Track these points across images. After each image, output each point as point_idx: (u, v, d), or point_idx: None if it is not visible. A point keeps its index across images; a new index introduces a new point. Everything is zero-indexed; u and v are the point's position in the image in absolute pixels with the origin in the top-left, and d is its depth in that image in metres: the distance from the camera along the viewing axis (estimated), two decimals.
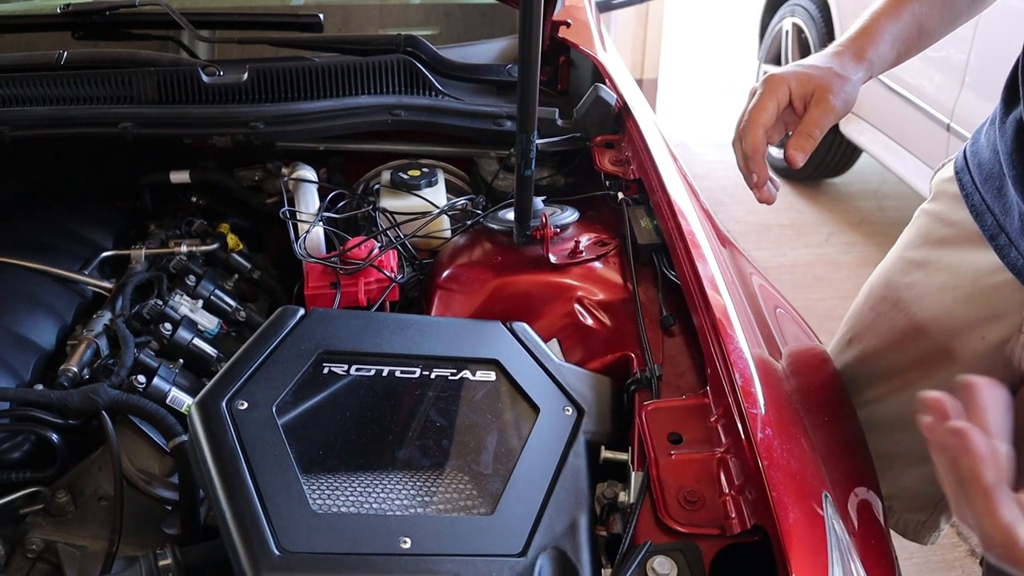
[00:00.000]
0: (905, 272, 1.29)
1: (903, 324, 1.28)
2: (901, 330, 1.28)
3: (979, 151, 1.19)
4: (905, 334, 1.28)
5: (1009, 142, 1.09)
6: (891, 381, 1.32)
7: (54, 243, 1.50)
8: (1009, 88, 1.12)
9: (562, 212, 1.38)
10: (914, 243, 1.29)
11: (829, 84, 1.09)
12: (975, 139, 1.22)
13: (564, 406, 1.07)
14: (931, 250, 1.25)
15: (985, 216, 1.15)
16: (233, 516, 0.88)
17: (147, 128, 1.47)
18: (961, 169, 1.22)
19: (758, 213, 4.07)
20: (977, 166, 1.18)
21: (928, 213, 1.29)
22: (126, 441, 1.21)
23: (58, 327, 1.34)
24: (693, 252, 1.20)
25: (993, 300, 1.16)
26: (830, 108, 1.09)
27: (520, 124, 1.15)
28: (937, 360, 1.24)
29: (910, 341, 1.27)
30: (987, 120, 1.21)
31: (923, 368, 1.27)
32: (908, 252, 1.30)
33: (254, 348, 1.06)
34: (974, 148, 1.21)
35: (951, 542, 2.27)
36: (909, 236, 1.32)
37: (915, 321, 1.26)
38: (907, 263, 1.29)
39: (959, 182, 1.21)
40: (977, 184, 1.17)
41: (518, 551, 0.89)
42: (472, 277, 1.29)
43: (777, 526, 0.84)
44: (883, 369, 1.33)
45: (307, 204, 1.50)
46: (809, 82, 1.09)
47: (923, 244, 1.27)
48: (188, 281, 1.47)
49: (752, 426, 0.94)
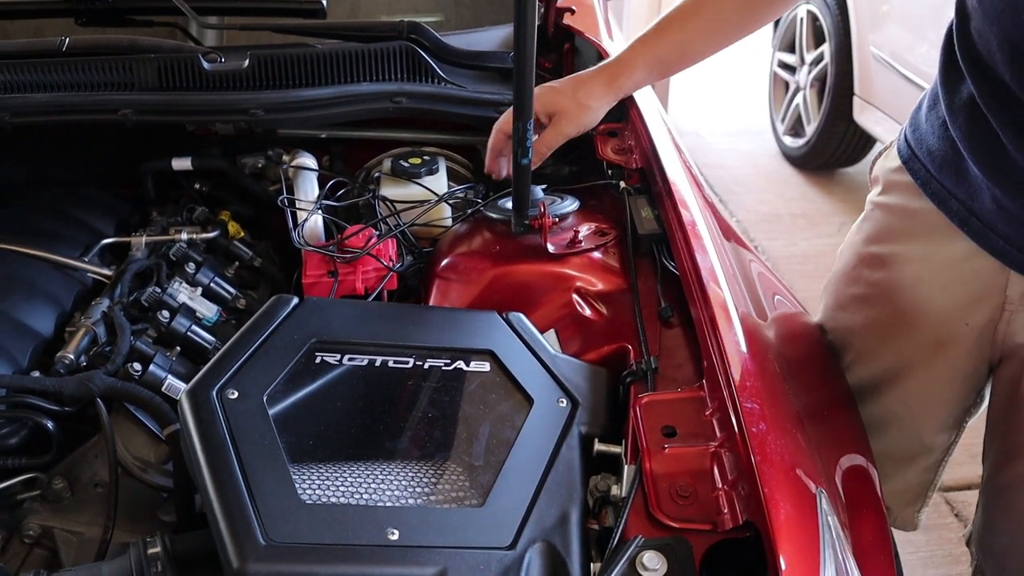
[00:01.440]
0: (871, 268, 1.25)
1: (879, 318, 1.25)
2: (878, 324, 1.26)
3: (924, 137, 1.15)
4: (883, 329, 1.25)
5: (963, 126, 1.06)
6: (873, 378, 1.30)
7: (54, 230, 1.50)
8: (946, 67, 1.09)
9: (562, 201, 1.37)
10: (875, 238, 1.25)
11: (567, 111, 1.33)
12: (915, 125, 1.18)
13: (559, 398, 1.05)
14: (896, 244, 1.21)
15: (950, 202, 1.11)
16: (220, 505, 0.87)
17: (147, 115, 1.47)
18: (909, 158, 1.18)
19: (769, 203, 4.04)
20: (927, 153, 1.14)
21: (883, 206, 1.24)
22: (122, 428, 1.21)
23: (57, 314, 1.34)
24: (693, 243, 1.19)
25: (973, 284, 1.14)
26: (562, 133, 1.35)
27: (516, 111, 1.13)
28: (921, 349, 1.22)
29: (890, 336, 1.25)
30: (923, 103, 1.17)
31: (907, 363, 1.25)
32: (871, 248, 1.26)
33: (246, 337, 1.05)
34: (917, 135, 1.17)
35: (956, 536, 2.24)
36: (867, 230, 1.27)
37: (892, 315, 1.23)
38: (872, 258, 1.25)
39: (911, 171, 1.17)
40: (932, 172, 1.14)
41: (507, 544, 0.88)
42: (470, 266, 1.28)
43: (768, 522, 0.83)
44: (866, 370, 1.30)
45: (306, 192, 1.49)
46: (553, 107, 1.34)
47: (886, 239, 1.23)
48: (188, 268, 1.46)
49: (747, 420, 0.93)
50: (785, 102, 4.40)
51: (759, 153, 4.55)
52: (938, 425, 1.30)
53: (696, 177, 1.43)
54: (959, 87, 1.06)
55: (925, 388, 1.26)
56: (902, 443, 1.30)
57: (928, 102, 1.16)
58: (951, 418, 1.29)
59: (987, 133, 1.02)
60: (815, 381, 1.18)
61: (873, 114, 3.67)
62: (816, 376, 1.21)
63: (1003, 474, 1.23)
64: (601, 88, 1.35)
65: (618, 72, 1.35)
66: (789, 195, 4.13)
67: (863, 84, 3.74)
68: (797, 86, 4.28)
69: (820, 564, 0.84)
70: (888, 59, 3.52)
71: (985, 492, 1.28)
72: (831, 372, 1.26)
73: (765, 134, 4.61)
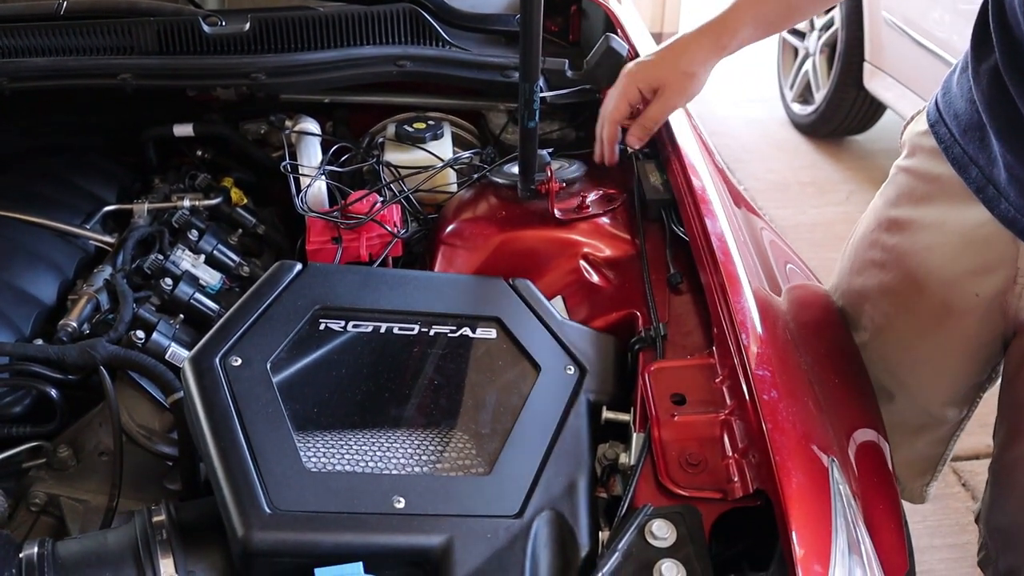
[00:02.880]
0: (890, 232, 1.24)
1: (892, 285, 1.24)
2: (891, 291, 1.24)
3: (953, 101, 1.13)
4: (896, 295, 1.24)
5: (986, 91, 1.04)
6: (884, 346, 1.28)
7: (56, 197, 1.48)
8: (978, 34, 1.07)
9: (569, 166, 1.34)
10: (895, 201, 1.24)
11: (672, 83, 1.27)
12: (946, 88, 1.16)
13: (566, 365, 1.04)
14: (915, 208, 1.20)
15: (969, 168, 1.10)
16: (225, 473, 0.87)
17: (146, 79, 1.44)
18: (936, 121, 1.16)
19: (778, 171, 4.00)
20: (953, 117, 1.12)
21: (906, 170, 1.23)
22: (126, 397, 1.20)
23: (59, 282, 1.33)
24: (702, 208, 1.17)
25: (984, 253, 1.12)
26: (669, 106, 1.29)
27: (523, 73, 1.11)
28: (931, 318, 1.20)
29: (901, 302, 1.23)
30: (956, 67, 1.15)
31: (917, 331, 1.23)
32: (891, 211, 1.24)
33: (249, 304, 1.04)
34: (947, 98, 1.15)
35: (965, 506, 2.24)
36: (889, 194, 1.26)
37: (904, 281, 1.21)
38: (891, 222, 1.24)
39: (936, 135, 1.15)
40: (956, 136, 1.12)
41: (514, 512, 0.88)
42: (476, 232, 1.27)
43: (780, 491, 0.82)
44: (878, 338, 1.28)
45: (309, 157, 1.47)
46: (656, 80, 1.27)
47: (906, 203, 1.22)
48: (191, 236, 1.44)
49: (758, 388, 0.91)
50: (794, 68, 4.34)
51: (767, 121, 4.49)
52: (948, 397, 1.28)
53: (706, 142, 1.40)
54: (987, 53, 1.04)
55: (934, 358, 1.24)
56: (911, 414, 1.29)
57: (960, 65, 1.14)
58: (961, 391, 1.27)
59: (1007, 101, 1.00)
60: (828, 352, 1.16)
61: (884, 80, 3.62)
62: (829, 348, 1.19)
63: (1009, 452, 1.22)
64: (705, 52, 1.25)
65: (721, 32, 1.25)
66: (798, 163, 4.08)
67: (874, 50, 3.68)
68: (806, 52, 4.22)
69: (832, 533, 0.83)
70: (900, 24, 3.46)
71: (993, 469, 1.27)
72: (844, 344, 1.23)
73: (774, 101, 4.56)
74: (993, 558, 1.29)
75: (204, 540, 0.90)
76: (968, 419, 1.31)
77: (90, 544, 0.90)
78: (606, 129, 1.33)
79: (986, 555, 1.31)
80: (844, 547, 0.83)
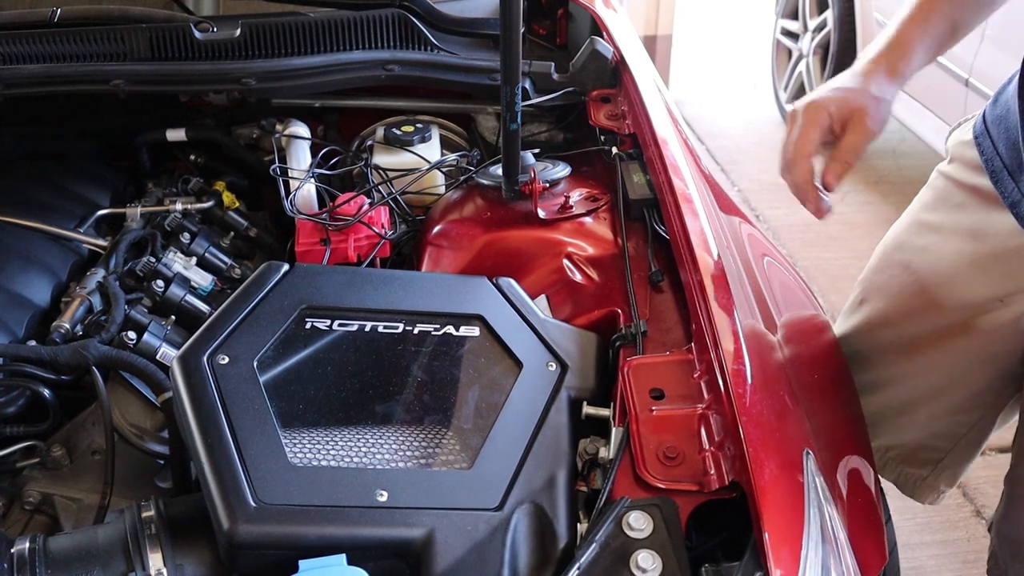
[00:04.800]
0: (919, 235, 1.25)
1: (915, 288, 1.25)
2: (912, 294, 1.25)
3: (1006, 116, 1.13)
4: (917, 298, 1.25)
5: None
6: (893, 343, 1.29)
7: (50, 201, 1.50)
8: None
9: (553, 167, 1.36)
10: (930, 206, 1.25)
11: (866, 108, 1.11)
12: (997, 101, 1.17)
13: (548, 362, 1.06)
14: (948, 214, 1.21)
15: (1007, 184, 1.10)
16: (211, 469, 0.88)
17: (139, 85, 1.46)
18: (981, 133, 1.17)
19: (771, 171, 3.96)
20: (1004, 132, 1.12)
21: (946, 176, 1.24)
22: (118, 396, 1.22)
23: (53, 284, 1.35)
24: (684, 207, 1.18)
25: (1012, 270, 1.13)
26: (867, 133, 1.11)
27: (504, 76, 1.13)
28: (951, 322, 1.21)
29: (922, 305, 1.24)
30: (1009, 82, 1.16)
31: (936, 331, 1.24)
32: (924, 215, 1.26)
33: (237, 303, 1.06)
34: (997, 113, 1.15)
35: (956, 503, 2.25)
36: (925, 198, 1.27)
37: (928, 285, 1.22)
38: (921, 226, 1.25)
39: (979, 147, 1.16)
40: (999, 150, 1.12)
41: (495, 505, 0.89)
42: (461, 233, 1.29)
43: (752, 482, 0.83)
44: (891, 333, 1.29)
45: (299, 160, 1.49)
46: (847, 106, 1.11)
47: (940, 207, 1.23)
48: (183, 239, 1.47)
49: (733, 382, 0.93)
50: (788, 70, 4.35)
51: (761, 122, 4.51)
52: (958, 401, 1.28)
53: (687, 142, 1.42)
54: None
55: (947, 363, 1.25)
56: (917, 397, 1.30)
57: (1016, 79, 1.11)
58: (974, 398, 1.27)
59: None
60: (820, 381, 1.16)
61: None
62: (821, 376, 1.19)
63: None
64: (886, 79, 1.14)
65: (898, 58, 1.15)
66: None
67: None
68: (800, 54, 4.23)
69: (804, 523, 0.84)
70: None
71: (1008, 480, 1.28)
72: (837, 372, 1.22)
73: (767, 102, 4.58)
74: (1004, 568, 1.29)
75: (192, 534, 0.92)
76: (982, 430, 1.30)
77: (80, 539, 0.92)
78: (800, 168, 1.11)
79: (996, 564, 1.31)
80: (817, 537, 0.85)
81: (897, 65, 1.14)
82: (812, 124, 1.11)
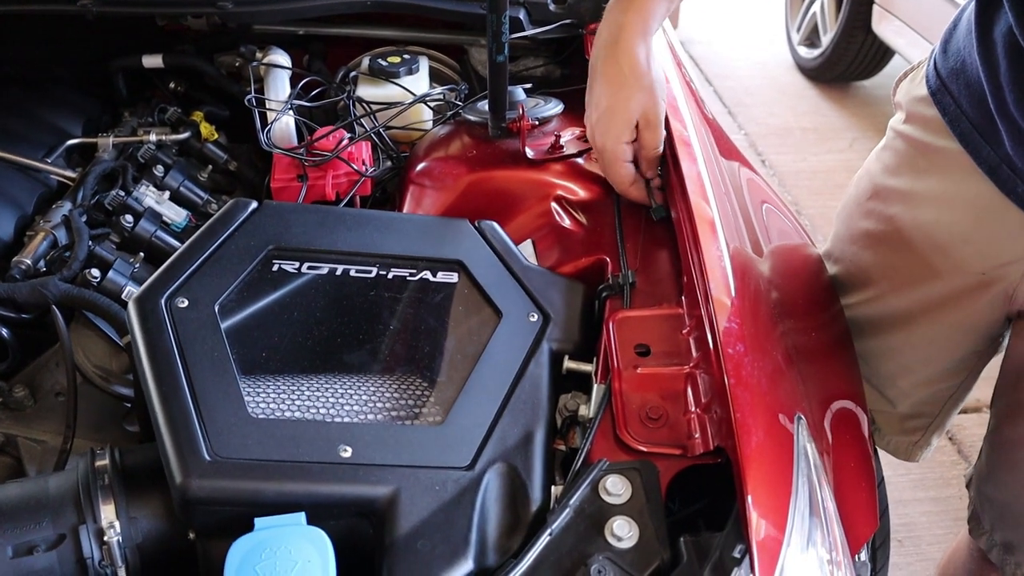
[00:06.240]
0: (887, 203, 1.16)
1: (892, 259, 1.17)
2: (892, 268, 1.18)
3: (957, 68, 1.04)
4: (896, 272, 1.18)
5: (1002, 60, 0.95)
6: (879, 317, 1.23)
7: (18, 130, 1.43)
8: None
9: (545, 104, 1.29)
10: (894, 170, 1.16)
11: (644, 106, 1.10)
12: (946, 51, 1.07)
13: (529, 312, 1.00)
14: (916, 179, 1.12)
15: (980, 147, 1.02)
16: (165, 419, 0.84)
17: (108, 6, 1.38)
18: (939, 89, 1.07)
19: (779, 115, 3.91)
20: (965, 87, 1.03)
21: (905, 137, 1.14)
22: (82, 337, 1.17)
23: (16, 217, 1.29)
24: (680, 151, 1.11)
25: (995, 235, 1.05)
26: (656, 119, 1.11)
27: (490, 4, 1.05)
28: (934, 295, 1.15)
29: (901, 278, 1.17)
30: (958, 26, 1.06)
31: (918, 304, 1.17)
32: (889, 180, 1.16)
33: (200, 242, 1.00)
34: (948, 65, 1.06)
35: (950, 460, 2.22)
36: (887, 160, 1.18)
37: (906, 256, 1.15)
38: (889, 192, 1.16)
39: (939, 106, 1.06)
40: (963, 108, 1.03)
41: (465, 464, 0.85)
42: (445, 172, 1.21)
43: (738, 448, 0.78)
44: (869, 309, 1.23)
45: (277, 91, 1.41)
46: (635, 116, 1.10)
47: (906, 172, 1.14)
48: (156, 171, 1.40)
49: (723, 340, 0.87)
50: (801, 10, 4.21)
51: (772, 64, 4.38)
52: (943, 368, 1.23)
53: (691, 83, 1.33)
54: (996, 15, 0.96)
55: (932, 333, 1.19)
56: (901, 378, 1.25)
57: (964, 27, 1.04)
58: (957, 362, 1.22)
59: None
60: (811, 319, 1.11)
61: (893, 24, 3.50)
62: (812, 314, 1.13)
63: (1012, 429, 1.17)
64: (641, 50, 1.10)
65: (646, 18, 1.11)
66: (801, 108, 3.99)
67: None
68: None
69: (792, 494, 0.79)
70: None
71: (989, 441, 1.22)
72: (829, 311, 1.18)
73: (779, 44, 4.44)
74: (987, 529, 1.25)
75: (148, 486, 0.87)
76: (966, 388, 1.26)
77: (31, 488, 0.88)
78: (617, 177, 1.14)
79: (978, 524, 1.27)
80: (804, 509, 0.80)
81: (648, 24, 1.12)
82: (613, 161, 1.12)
